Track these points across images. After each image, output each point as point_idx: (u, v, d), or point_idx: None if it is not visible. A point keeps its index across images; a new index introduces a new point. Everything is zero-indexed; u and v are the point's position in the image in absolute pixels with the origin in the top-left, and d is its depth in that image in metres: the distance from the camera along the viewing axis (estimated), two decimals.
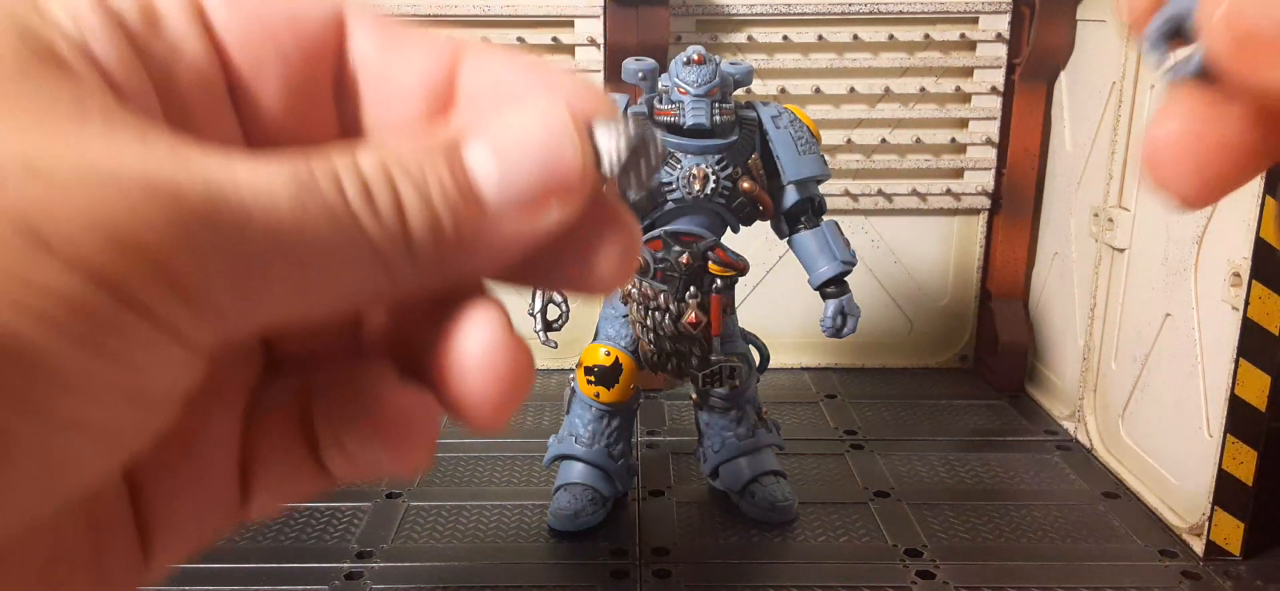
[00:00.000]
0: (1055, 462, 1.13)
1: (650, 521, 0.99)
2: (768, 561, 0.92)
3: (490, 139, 0.19)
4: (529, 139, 0.19)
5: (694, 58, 0.88)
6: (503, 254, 0.19)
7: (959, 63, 1.32)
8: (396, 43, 0.22)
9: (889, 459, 1.12)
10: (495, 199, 0.19)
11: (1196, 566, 0.92)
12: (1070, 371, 1.23)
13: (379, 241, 0.17)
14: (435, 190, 0.18)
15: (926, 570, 0.90)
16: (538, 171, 0.19)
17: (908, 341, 1.42)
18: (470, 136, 0.19)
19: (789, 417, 1.20)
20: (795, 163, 0.92)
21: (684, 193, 0.90)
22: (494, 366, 0.20)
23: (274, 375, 0.23)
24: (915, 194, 1.36)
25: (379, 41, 0.22)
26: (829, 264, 0.94)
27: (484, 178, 0.19)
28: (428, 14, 1.29)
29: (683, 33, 1.29)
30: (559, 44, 1.31)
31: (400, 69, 0.22)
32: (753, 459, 1.00)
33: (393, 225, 0.18)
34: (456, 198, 0.18)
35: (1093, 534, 0.98)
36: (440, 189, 0.18)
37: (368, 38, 0.22)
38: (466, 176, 0.19)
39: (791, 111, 0.95)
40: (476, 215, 0.19)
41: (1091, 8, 1.19)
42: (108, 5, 0.19)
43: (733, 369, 0.96)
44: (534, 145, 0.19)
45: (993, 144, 1.34)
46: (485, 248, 0.19)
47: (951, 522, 0.99)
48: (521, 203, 0.19)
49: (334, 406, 0.21)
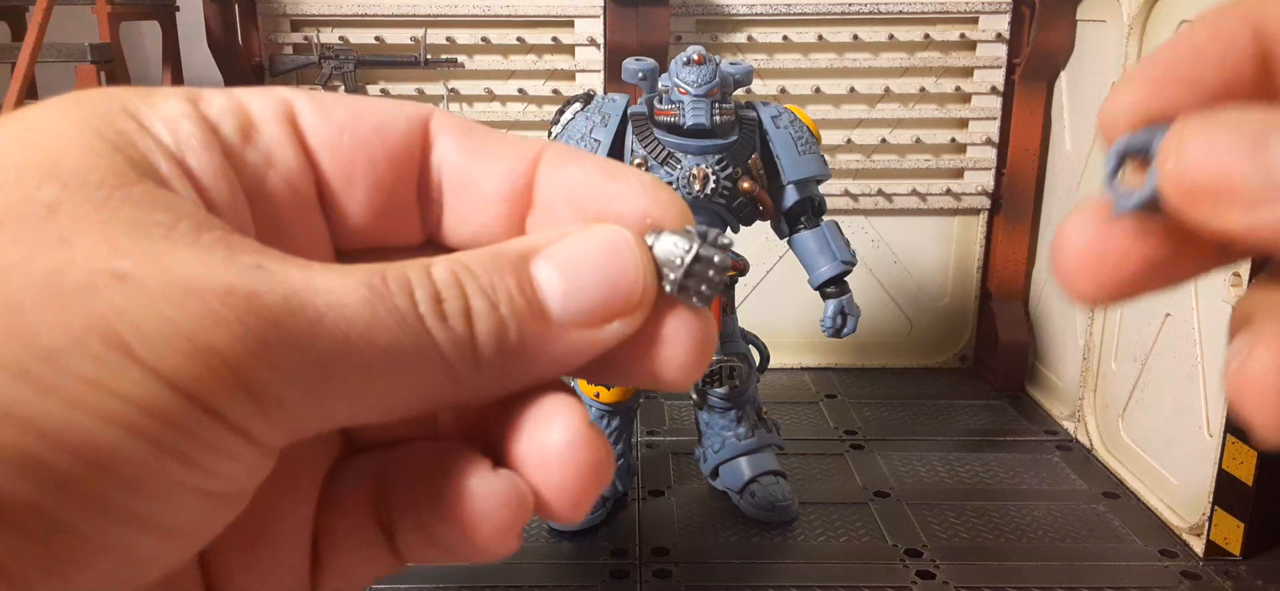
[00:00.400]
0: (1055, 462, 1.13)
1: (650, 521, 0.99)
2: (768, 561, 0.92)
3: (557, 255, 0.20)
4: (594, 258, 0.20)
5: (694, 58, 0.88)
6: (565, 364, 0.20)
7: (959, 63, 1.32)
8: (479, 149, 0.23)
9: (889, 459, 1.12)
10: (559, 313, 0.20)
11: (1196, 566, 0.92)
12: (1070, 371, 1.23)
13: (446, 348, 0.18)
14: (504, 301, 0.19)
15: (926, 570, 0.90)
16: (601, 290, 0.20)
17: (908, 341, 1.42)
18: (538, 252, 0.20)
19: (789, 417, 1.20)
20: (795, 162, 0.92)
21: (684, 192, 0.90)
22: (576, 461, 0.21)
23: (351, 457, 0.23)
24: (915, 194, 1.36)
25: (462, 148, 0.23)
26: (829, 264, 0.94)
27: (550, 292, 0.20)
28: (428, 15, 1.29)
29: (683, 33, 1.29)
30: (559, 44, 1.31)
31: (482, 175, 0.22)
32: (753, 459, 1.00)
33: (461, 333, 0.18)
34: (524, 309, 0.19)
35: (1093, 533, 0.98)
36: (509, 300, 0.19)
37: (452, 144, 0.23)
38: (534, 290, 0.20)
39: (791, 111, 0.95)
40: (542, 327, 0.19)
41: (1091, 8, 1.19)
42: (206, 117, 0.20)
43: (733, 369, 0.96)
44: (598, 264, 0.20)
45: (993, 144, 1.34)
46: (548, 358, 0.20)
47: (951, 522, 0.99)
48: (585, 318, 0.20)
49: (418, 491, 0.22)
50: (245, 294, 0.17)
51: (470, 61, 1.31)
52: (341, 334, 0.17)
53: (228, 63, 1.28)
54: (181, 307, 0.16)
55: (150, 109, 0.20)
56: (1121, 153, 0.20)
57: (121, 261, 0.16)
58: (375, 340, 0.18)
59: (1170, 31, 1.01)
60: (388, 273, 0.18)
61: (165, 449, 0.16)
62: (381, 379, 0.18)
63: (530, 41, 1.31)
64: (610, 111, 0.92)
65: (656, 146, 0.90)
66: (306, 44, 1.30)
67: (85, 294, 0.16)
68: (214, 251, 0.17)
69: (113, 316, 0.16)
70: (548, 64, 1.31)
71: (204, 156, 0.20)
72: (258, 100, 0.22)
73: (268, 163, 0.21)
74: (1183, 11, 0.98)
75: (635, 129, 0.91)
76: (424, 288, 0.18)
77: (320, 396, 0.17)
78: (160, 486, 0.16)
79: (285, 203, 0.21)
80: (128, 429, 0.16)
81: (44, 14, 1.07)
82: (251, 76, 1.30)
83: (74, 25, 1.19)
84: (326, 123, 0.22)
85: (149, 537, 0.17)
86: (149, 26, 1.34)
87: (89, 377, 0.15)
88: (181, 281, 0.16)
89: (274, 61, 1.31)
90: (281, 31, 1.31)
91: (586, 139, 0.91)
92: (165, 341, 0.16)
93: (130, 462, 0.16)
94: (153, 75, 1.35)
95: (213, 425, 0.16)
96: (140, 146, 0.19)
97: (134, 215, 0.17)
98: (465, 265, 0.19)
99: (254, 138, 0.21)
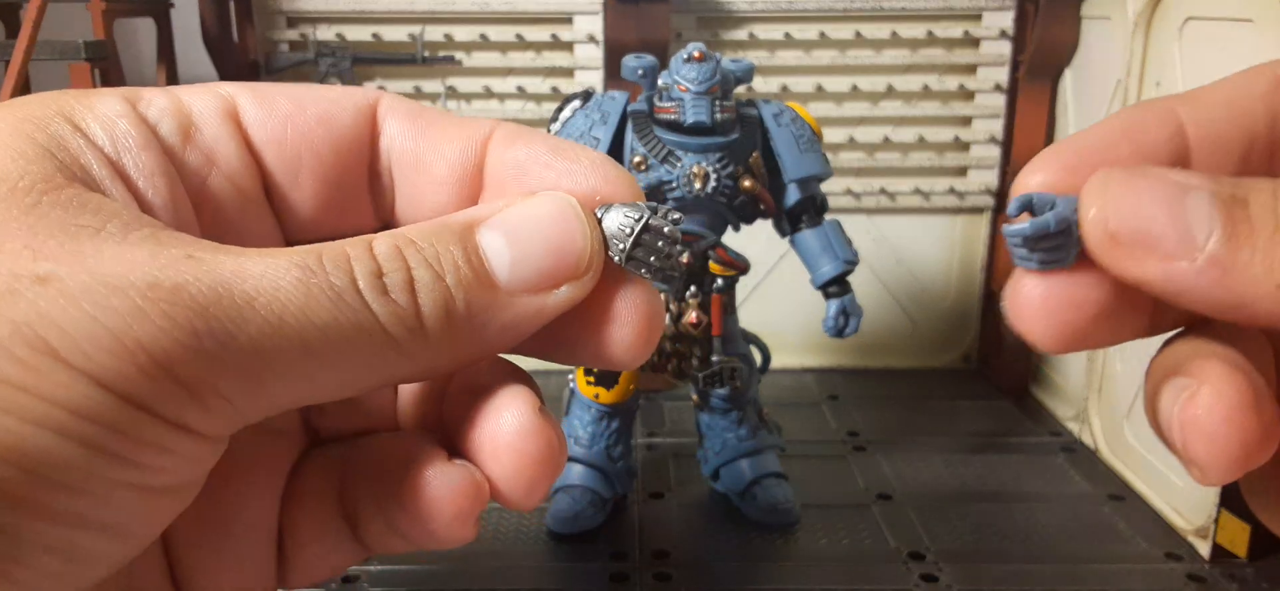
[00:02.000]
0: (1060, 464, 1.12)
1: (650, 523, 0.98)
2: (769, 564, 0.91)
3: (503, 223, 0.20)
4: (540, 224, 0.20)
5: (695, 55, 0.87)
6: (514, 332, 0.20)
7: (962, 60, 1.31)
8: (428, 131, 0.23)
9: (892, 460, 1.12)
10: (507, 280, 0.20)
11: (1202, 569, 0.91)
12: (1075, 372, 1.22)
13: (388, 323, 0.18)
14: (449, 270, 0.19)
15: (930, 573, 0.89)
16: (548, 255, 0.20)
17: (911, 342, 1.41)
18: (484, 221, 0.20)
19: (791, 419, 1.19)
20: (797, 161, 0.91)
21: (684, 191, 0.89)
22: (525, 450, 0.21)
23: (314, 450, 0.23)
24: (918, 192, 1.35)
25: (411, 130, 0.23)
26: (831, 263, 0.93)
27: (497, 260, 0.20)
28: (426, 11, 1.28)
29: (683, 29, 1.28)
30: (558, 41, 1.30)
31: (432, 157, 0.23)
32: (754, 460, 0.99)
33: (404, 305, 0.18)
34: (470, 278, 0.19)
35: (1098, 536, 0.97)
36: (454, 270, 0.19)
37: (400, 127, 0.23)
38: (480, 258, 0.20)
39: (793, 109, 0.94)
40: (489, 295, 0.20)
41: (1096, 5, 1.18)
42: (144, 118, 0.20)
43: (734, 370, 0.95)
44: (544, 230, 0.20)
45: (997, 142, 1.33)
46: (497, 326, 0.20)
47: (955, 525, 0.98)
48: (532, 284, 0.20)
49: (378, 482, 0.22)
50: (170, 286, 0.16)
51: (468, 58, 1.30)
52: (275, 316, 0.17)
53: (223, 60, 1.28)
54: (106, 306, 0.16)
55: (87, 111, 0.20)
56: (1026, 203, 0.22)
57: (44, 264, 0.16)
58: (311, 319, 0.17)
59: (1175, 29, 1.00)
60: (325, 251, 0.18)
61: (98, 449, 0.16)
62: (323, 358, 0.18)
63: (529, 38, 1.30)
64: (609, 109, 0.91)
65: (656, 144, 0.88)
66: (302, 41, 1.29)
67: (7, 299, 0.16)
68: (141, 248, 0.17)
69: (36, 320, 0.16)
70: (546, 61, 1.31)
71: (141, 156, 0.20)
72: (198, 99, 0.22)
73: (210, 161, 0.21)
74: (1188, 9, 0.97)
75: (635, 127, 0.90)
76: (363, 263, 0.18)
77: (259, 381, 0.17)
78: (98, 485, 0.16)
79: (230, 200, 0.21)
80: (58, 431, 0.16)
81: (38, 11, 1.06)
82: (247, 73, 1.29)
83: (68, 22, 1.18)
84: (269, 117, 0.22)
85: (91, 536, 0.17)
86: (144, 23, 1.33)
87: (16, 382, 0.15)
88: (105, 279, 0.16)
89: (269, 58, 1.30)
90: (277, 28, 1.30)
91: (586, 137, 0.90)
92: (91, 341, 0.16)
93: (64, 465, 0.16)
94: (147, 73, 1.34)
95: (147, 421, 0.16)
96: (72, 149, 0.18)
97: (62, 218, 0.17)
98: (408, 238, 0.19)
99: (195, 137, 0.21)
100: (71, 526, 0.16)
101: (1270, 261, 0.19)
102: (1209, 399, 0.21)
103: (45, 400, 0.15)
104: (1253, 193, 0.20)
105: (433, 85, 1.31)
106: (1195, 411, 0.21)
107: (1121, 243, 0.20)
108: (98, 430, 0.16)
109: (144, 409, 0.16)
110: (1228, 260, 0.19)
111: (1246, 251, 0.19)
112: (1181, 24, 0.99)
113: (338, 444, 0.24)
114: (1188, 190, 0.20)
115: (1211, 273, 0.19)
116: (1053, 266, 0.22)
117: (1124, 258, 0.20)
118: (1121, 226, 0.20)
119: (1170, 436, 0.21)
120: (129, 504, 0.17)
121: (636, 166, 0.88)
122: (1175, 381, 0.22)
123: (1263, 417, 0.20)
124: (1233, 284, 0.19)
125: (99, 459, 0.16)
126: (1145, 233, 0.20)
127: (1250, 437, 0.20)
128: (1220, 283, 0.19)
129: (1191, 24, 0.98)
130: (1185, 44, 0.98)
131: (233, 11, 1.27)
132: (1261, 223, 0.19)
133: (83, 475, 0.16)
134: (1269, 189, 0.20)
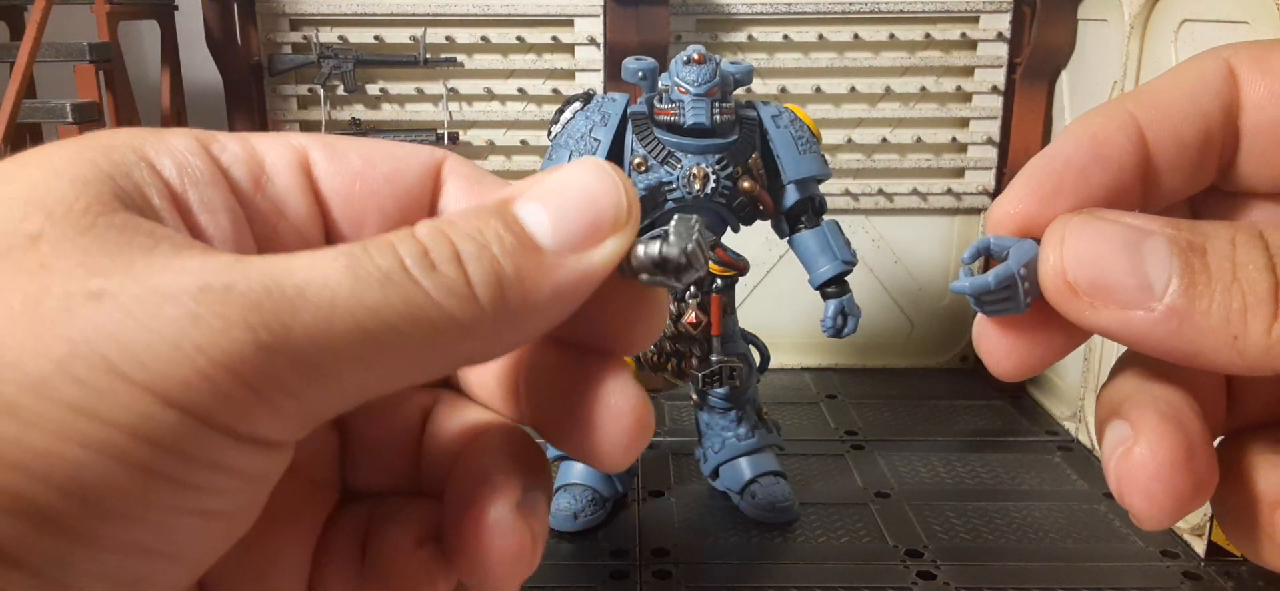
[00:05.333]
0: (1056, 463, 1.13)
1: (650, 522, 0.98)
2: (768, 562, 0.92)
3: (537, 193, 0.20)
4: (572, 185, 0.20)
5: (694, 57, 0.88)
6: (566, 298, 0.20)
7: (960, 62, 1.32)
8: (483, 196, 0.23)
9: (890, 459, 1.12)
10: (551, 242, 0.20)
11: (1198, 567, 0.92)
12: (1072, 371, 1.23)
13: (440, 296, 0.18)
14: (494, 242, 0.19)
15: (927, 571, 0.90)
16: (587, 211, 0.20)
17: (908, 341, 1.42)
18: (517, 197, 0.20)
19: (789, 418, 1.20)
20: (796, 162, 0.92)
21: (684, 192, 0.89)
22: (635, 419, 0.22)
23: (346, 505, 0.24)
24: (916, 193, 1.36)
25: (470, 196, 0.23)
26: (829, 263, 0.93)
27: (537, 226, 0.20)
28: (428, 14, 1.29)
29: (683, 32, 1.28)
30: (559, 43, 1.31)
31: None
32: (753, 459, 1.00)
33: (454, 277, 0.18)
34: (514, 245, 0.19)
35: (1094, 534, 0.97)
36: (498, 239, 0.19)
37: (459, 188, 0.23)
38: (521, 227, 0.20)
39: (792, 111, 0.95)
40: (537, 259, 0.19)
41: (1093, 7, 1.19)
42: (216, 159, 0.20)
43: (733, 369, 0.96)
44: (578, 190, 0.20)
45: (994, 143, 1.34)
46: (549, 290, 0.20)
47: (952, 523, 0.99)
48: (578, 241, 0.20)
49: (379, 549, 0.22)
50: (221, 287, 0.16)
51: (469, 61, 1.31)
52: (327, 302, 0.17)
53: (226, 62, 1.28)
54: (160, 314, 0.16)
55: (159, 143, 0.20)
56: (983, 249, 0.23)
57: (96, 281, 0.16)
58: (363, 301, 0.17)
59: (1171, 31, 1.00)
60: (369, 242, 0.18)
61: (160, 475, 0.16)
62: (381, 340, 0.17)
63: (530, 41, 1.31)
64: (610, 111, 0.91)
65: (656, 146, 0.89)
66: (305, 43, 1.30)
67: (62, 317, 0.15)
68: (192, 258, 0.17)
69: (93, 335, 0.15)
70: (547, 63, 1.31)
71: (207, 192, 0.20)
72: (272, 149, 0.22)
73: (278, 211, 0.21)
74: (1183, 11, 0.98)
75: (635, 128, 0.90)
76: (407, 244, 0.18)
77: (320, 372, 0.17)
78: (158, 512, 0.16)
79: (294, 248, 0.21)
80: (119, 458, 0.15)
81: (42, 13, 1.06)
82: (250, 76, 1.30)
83: (72, 24, 1.19)
84: (340, 172, 0.22)
85: (149, 563, 0.16)
86: (148, 26, 1.33)
87: (77, 404, 0.15)
88: (157, 289, 0.16)
89: (273, 61, 1.31)
90: (280, 31, 1.31)
91: (586, 138, 0.90)
92: (149, 351, 0.15)
93: (123, 493, 0.15)
94: (151, 75, 1.35)
95: (211, 437, 0.16)
96: (135, 178, 0.19)
97: (117, 239, 0.17)
98: (449, 220, 0.19)
99: (265, 186, 0.21)
100: (128, 554, 0.16)
101: (1227, 312, 0.19)
102: (1142, 455, 0.21)
103: (105, 423, 0.15)
104: (1211, 240, 0.20)
105: (435, 87, 1.32)
106: (1130, 466, 0.21)
107: (1079, 292, 0.20)
108: (159, 453, 0.15)
109: (207, 422, 0.16)
110: (1185, 310, 0.19)
111: (1204, 301, 0.19)
112: (1177, 26, 1.00)
113: (367, 500, 0.24)
114: (1146, 237, 0.20)
115: (1169, 323, 0.19)
116: (1004, 313, 0.22)
117: (1082, 307, 0.20)
118: (1079, 276, 0.20)
119: (1109, 481, 0.22)
120: (189, 530, 0.17)
121: (636, 168, 0.89)
122: (1116, 426, 0.22)
123: (1194, 472, 0.21)
124: (1189, 334, 0.19)
125: (161, 485, 0.16)
126: (1102, 282, 0.20)
127: (1182, 491, 0.20)
128: (1177, 332, 0.19)
129: (1187, 26, 0.98)
130: (1181, 46, 0.99)
131: (236, 14, 1.28)
132: (1219, 271, 0.19)
133: (143, 502, 0.16)
134: (1227, 236, 0.20)
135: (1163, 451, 0.20)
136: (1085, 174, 0.22)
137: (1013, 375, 0.23)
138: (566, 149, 0.91)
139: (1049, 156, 0.22)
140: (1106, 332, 0.21)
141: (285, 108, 1.33)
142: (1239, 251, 0.19)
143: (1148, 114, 0.22)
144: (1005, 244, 0.22)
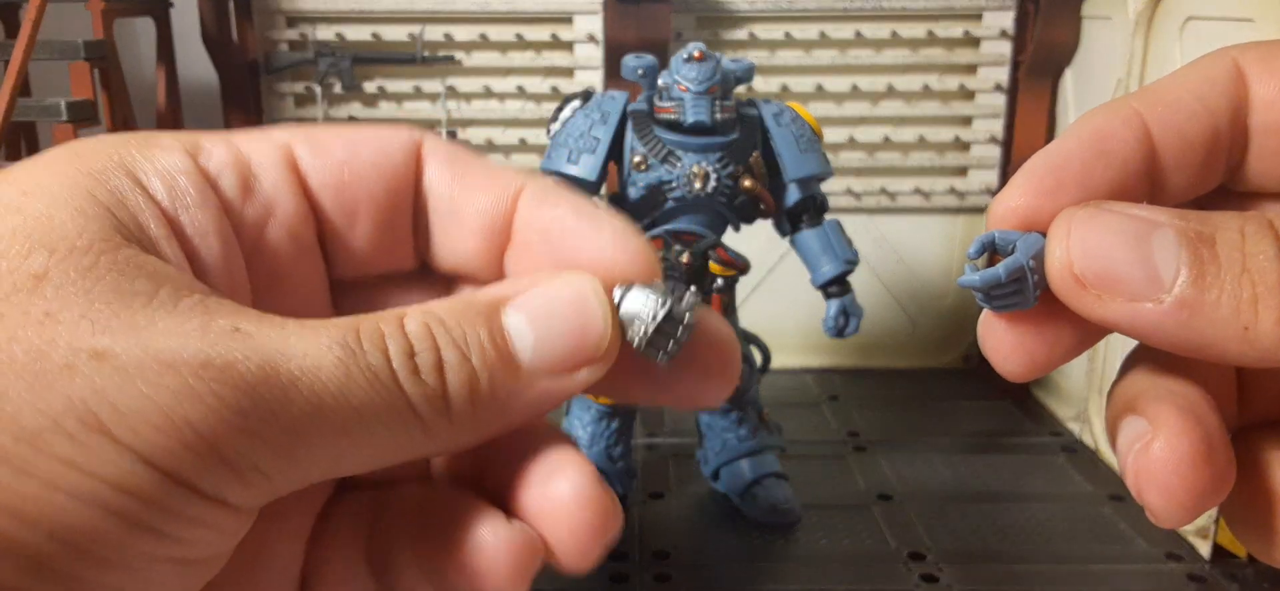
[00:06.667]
0: (1060, 464, 1.12)
1: (650, 524, 0.98)
2: (769, 564, 0.91)
3: (527, 305, 0.21)
4: (563, 307, 0.21)
5: (695, 54, 0.87)
6: (533, 410, 0.21)
7: (963, 60, 1.31)
8: (464, 178, 0.23)
9: (892, 461, 1.11)
10: (530, 362, 0.20)
11: (1203, 569, 0.91)
12: (1076, 372, 1.22)
13: (418, 404, 0.19)
14: (475, 352, 0.20)
15: (930, 573, 0.89)
16: (570, 339, 0.20)
17: (911, 342, 1.41)
18: (509, 301, 0.21)
19: (791, 419, 1.19)
20: (797, 160, 0.91)
21: (684, 191, 0.89)
22: (586, 519, 0.21)
23: (343, 495, 0.24)
24: (918, 192, 1.35)
25: (448, 176, 0.23)
26: (831, 263, 0.93)
27: (521, 342, 0.20)
28: (426, 11, 1.28)
29: (683, 29, 1.27)
30: (558, 40, 1.30)
31: (465, 206, 0.23)
32: (754, 461, 0.99)
33: (433, 386, 0.19)
34: (495, 359, 0.20)
35: (1098, 536, 0.97)
36: (480, 351, 0.20)
37: (439, 170, 0.23)
38: (505, 339, 0.20)
39: (793, 109, 0.94)
40: (513, 377, 0.20)
41: (1096, 4, 1.18)
42: (205, 171, 0.21)
43: None
44: (566, 314, 0.21)
45: (997, 142, 1.33)
46: (520, 405, 0.20)
47: (955, 525, 0.98)
48: (555, 365, 0.20)
49: (421, 533, 0.22)
50: (221, 364, 0.17)
51: (468, 58, 1.30)
52: (315, 397, 0.17)
53: (222, 60, 1.27)
54: (158, 384, 0.16)
55: (148, 163, 0.20)
56: (988, 243, 0.22)
57: (101, 338, 0.17)
58: (349, 401, 0.18)
59: (1175, 29, 1.00)
60: (362, 328, 0.19)
61: (140, 525, 0.17)
62: (355, 436, 0.18)
63: (529, 38, 1.30)
64: (609, 109, 0.91)
65: (656, 144, 0.88)
66: (302, 40, 1.29)
67: (65, 375, 0.16)
68: (192, 318, 0.17)
69: (91, 397, 0.16)
70: (546, 61, 1.30)
71: (197, 215, 0.20)
72: (257, 148, 0.22)
73: (268, 212, 0.22)
74: (1188, 9, 0.97)
75: (635, 126, 0.90)
76: (397, 341, 0.19)
77: (295, 459, 0.18)
78: (136, 559, 0.17)
79: (284, 248, 0.22)
80: (102, 507, 0.16)
81: (37, 10, 1.06)
82: (246, 73, 1.29)
83: (67, 22, 1.18)
84: (326, 164, 0.22)
85: None
86: (143, 23, 1.33)
87: (66, 458, 0.16)
88: (158, 355, 0.17)
89: (269, 58, 1.30)
90: (277, 28, 1.30)
91: (585, 137, 0.90)
92: (141, 418, 0.16)
93: (105, 540, 0.16)
94: (146, 73, 1.34)
95: (187, 496, 0.17)
96: (131, 206, 0.19)
97: (118, 283, 0.17)
98: (438, 317, 0.20)
99: (254, 189, 0.21)
100: None
101: (1237, 302, 0.19)
102: (1162, 451, 0.21)
103: (90, 475, 0.16)
104: (1219, 230, 0.19)
105: (433, 85, 1.31)
106: (1148, 462, 0.21)
107: (1087, 285, 0.20)
108: (139, 505, 0.16)
109: (184, 484, 0.17)
110: (1194, 301, 0.19)
111: (1213, 292, 0.19)
112: (1182, 24, 0.99)
113: (368, 489, 0.25)
114: (1154, 228, 0.20)
115: (1178, 314, 0.19)
116: (1013, 309, 0.22)
117: (1090, 301, 0.20)
118: (1087, 269, 0.20)
119: (1125, 477, 0.21)
120: (164, 576, 0.17)
121: (636, 166, 0.88)
122: (1131, 422, 0.21)
123: (1214, 467, 0.20)
124: (1200, 325, 0.19)
125: (138, 534, 0.17)
126: (1110, 274, 0.20)
127: (1202, 487, 0.20)
128: (1187, 324, 0.19)
129: (1192, 24, 0.97)
130: (1186, 44, 0.98)
131: (232, 11, 1.27)
132: (1228, 262, 0.19)
133: (122, 549, 0.17)
134: (1236, 226, 0.20)
135: (1182, 446, 0.20)
136: (1088, 169, 0.22)
137: (1019, 375, 0.23)
138: (565, 147, 0.90)
139: (1051, 152, 0.22)
140: (1115, 326, 0.20)
141: (282, 106, 1.33)
142: (1248, 241, 0.19)
143: (1153, 112, 0.22)
144: (1010, 238, 0.22)
